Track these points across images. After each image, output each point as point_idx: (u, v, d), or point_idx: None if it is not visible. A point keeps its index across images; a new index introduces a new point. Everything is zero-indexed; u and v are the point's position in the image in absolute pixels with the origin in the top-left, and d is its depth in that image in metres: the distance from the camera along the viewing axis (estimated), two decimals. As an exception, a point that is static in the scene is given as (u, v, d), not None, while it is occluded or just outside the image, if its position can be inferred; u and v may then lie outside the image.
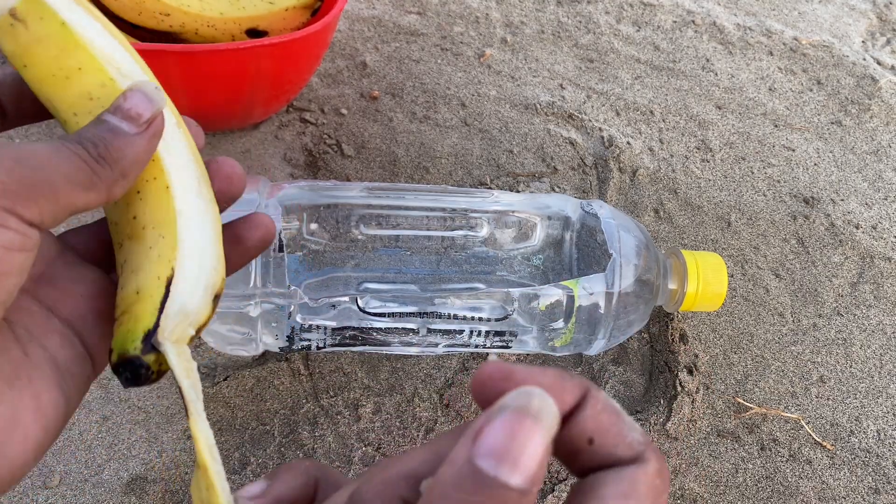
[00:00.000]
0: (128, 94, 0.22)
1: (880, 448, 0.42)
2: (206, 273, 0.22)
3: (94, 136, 0.21)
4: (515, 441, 0.15)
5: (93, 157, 0.20)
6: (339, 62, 0.61)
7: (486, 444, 0.15)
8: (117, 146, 0.21)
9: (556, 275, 0.42)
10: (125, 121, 0.21)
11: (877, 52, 0.72)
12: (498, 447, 0.15)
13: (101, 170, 0.20)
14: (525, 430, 0.15)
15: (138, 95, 0.22)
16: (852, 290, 0.51)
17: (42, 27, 0.21)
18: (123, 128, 0.21)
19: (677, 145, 0.59)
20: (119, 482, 0.37)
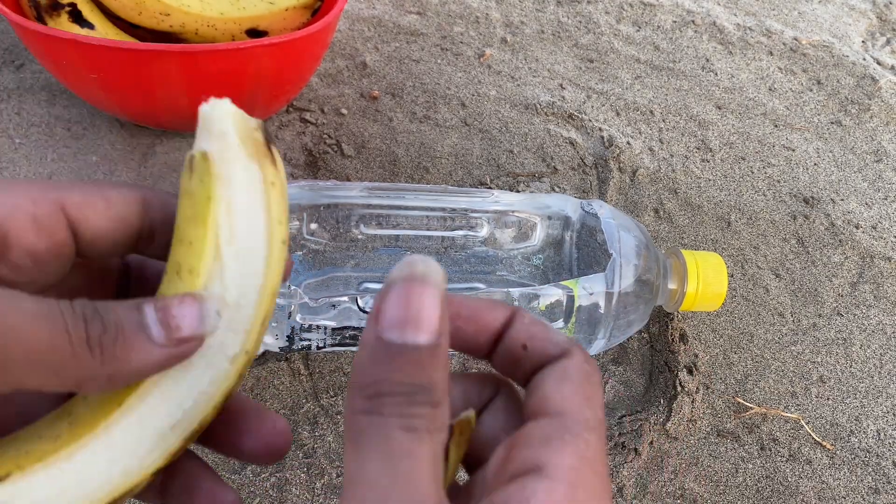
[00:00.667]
0: (185, 299, 0.18)
1: (880, 448, 0.42)
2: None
3: (111, 319, 0.17)
4: (411, 306, 0.16)
5: (88, 341, 0.16)
6: (339, 62, 0.61)
7: (386, 318, 0.16)
8: (128, 346, 0.17)
9: (556, 275, 0.42)
10: (159, 324, 0.17)
11: (877, 52, 0.72)
12: (398, 316, 0.16)
13: (85, 358, 0.16)
14: (417, 294, 0.17)
15: (193, 309, 0.18)
16: (852, 289, 0.51)
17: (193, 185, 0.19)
18: (152, 331, 0.17)
19: (677, 145, 0.59)
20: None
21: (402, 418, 0.16)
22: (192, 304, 0.18)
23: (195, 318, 0.18)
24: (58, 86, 0.55)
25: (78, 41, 0.42)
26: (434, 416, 0.16)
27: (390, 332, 0.16)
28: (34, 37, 0.44)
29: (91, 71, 0.45)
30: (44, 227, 0.19)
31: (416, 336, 0.16)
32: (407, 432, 0.16)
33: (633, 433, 0.41)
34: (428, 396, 0.16)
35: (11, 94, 0.54)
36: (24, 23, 0.43)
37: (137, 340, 0.17)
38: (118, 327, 0.17)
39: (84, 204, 0.19)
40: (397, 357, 0.16)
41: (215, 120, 0.20)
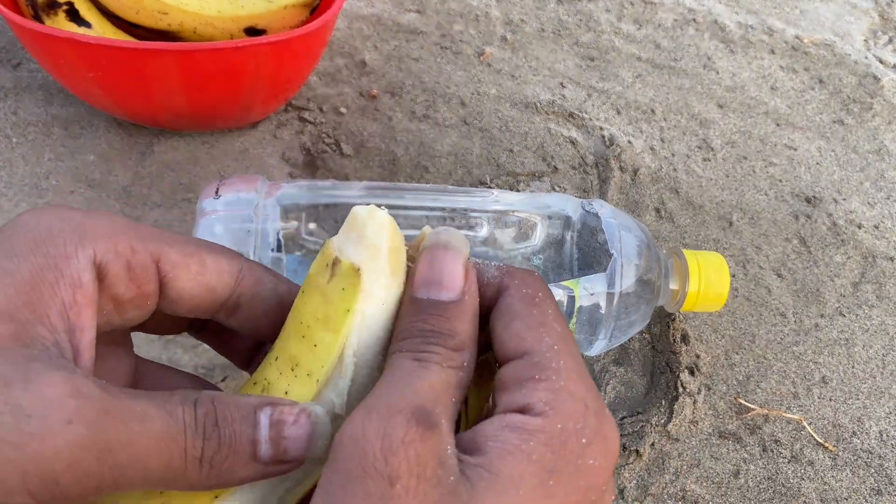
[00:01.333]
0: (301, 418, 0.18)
1: (882, 449, 0.42)
2: None
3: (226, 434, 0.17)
4: (435, 268, 0.19)
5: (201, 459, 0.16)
6: (337, 60, 0.61)
7: (417, 280, 0.19)
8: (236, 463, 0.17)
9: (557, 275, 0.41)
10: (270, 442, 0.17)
11: (879, 51, 0.72)
12: (425, 278, 0.19)
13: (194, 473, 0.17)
14: (440, 258, 0.19)
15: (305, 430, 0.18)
16: (854, 290, 0.50)
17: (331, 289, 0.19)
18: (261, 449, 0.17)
19: (678, 144, 0.59)
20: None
21: (412, 352, 0.18)
22: (305, 426, 0.18)
23: (304, 442, 0.18)
24: (55, 85, 0.55)
25: (75, 40, 0.42)
26: (450, 356, 0.18)
27: (419, 290, 0.19)
28: (31, 35, 0.44)
29: (88, 70, 0.44)
30: (135, 278, 0.19)
31: (439, 293, 0.19)
32: (415, 361, 0.18)
33: (634, 434, 0.40)
34: (445, 340, 0.18)
35: (8, 93, 0.54)
36: (21, 21, 0.43)
37: (245, 458, 0.17)
38: (231, 446, 0.17)
39: (179, 265, 0.20)
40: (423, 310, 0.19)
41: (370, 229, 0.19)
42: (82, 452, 0.15)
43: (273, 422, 0.17)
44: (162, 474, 0.16)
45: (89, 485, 0.16)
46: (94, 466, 0.15)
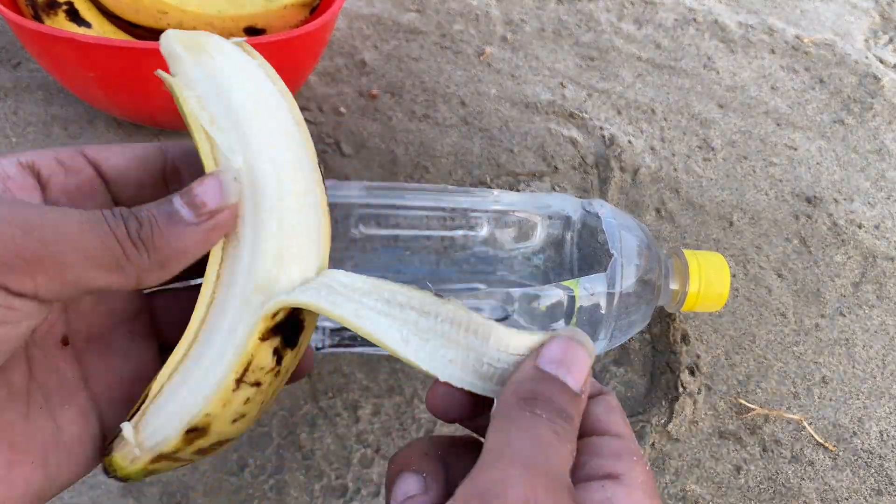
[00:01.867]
0: (203, 178, 0.19)
1: (883, 449, 0.42)
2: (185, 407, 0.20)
3: (145, 215, 0.19)
4: (568, 355, 0.20)
5: (130, 237, 0.18)
6: (337, 60, 0.61)
7: (547, 355, 0.20)
8: (164, 233, 0.18)
9: (557, 275, 0.41)
10: (187, 206, 0.19)
11: (879, 51, 0.72)
12: (557, 357, 0.20)
13: (134, 254, 0.18)
14: (574, 349, 0.20)
15: (213, 183, 0.19)
16: (855, 290, 0.50)
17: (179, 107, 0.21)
18: (182, 214, 0.19)
19: (679, 144, 0.59)
20: (116, 484, 0.36)
21: (550, 422, 0.18)
22: (210, 180, 0.19)
23: (217, 190, 0.19)
24: (55, 84, 0.55)
25: (75, 40, 0.42)
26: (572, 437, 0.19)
27: (548, 365, 0.20)
28: (31, 35, 0.44)
29: (88, 69, 0.44)
30: (70, 167, 0.21)
31: (567, 376, 0.19)
32: (552, 432, 0.18)
33: (634, 435, 0.40)
34: (570, 421, 0.19)
35: (8, 93, 0.54)
36: (21, 21, 0.43)
37: (172, 226, 0.19)
38: (152, 220, 0.18)
39: (103, 150, 0.22)
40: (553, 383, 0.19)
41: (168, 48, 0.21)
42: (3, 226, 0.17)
43: (182, 193, 0.19)
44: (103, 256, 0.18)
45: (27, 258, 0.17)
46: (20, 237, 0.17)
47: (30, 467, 0.19)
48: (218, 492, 0.36)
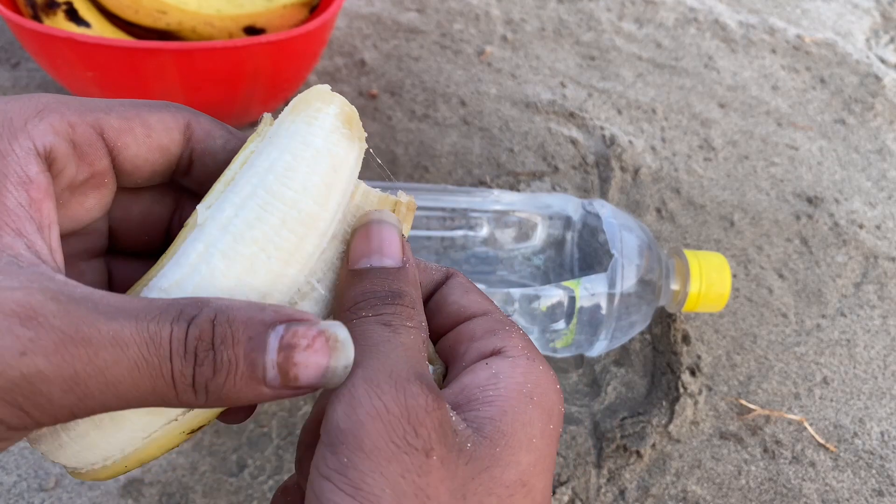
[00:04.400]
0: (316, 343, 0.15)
1: (884, 450, 0.42)
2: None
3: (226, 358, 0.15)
4: (373, 240, 0.19)
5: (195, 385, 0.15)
6: (337, 60, 0.61)
7: (353, 254, 0.19)
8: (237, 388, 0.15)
9: (558, 275, 0.41)
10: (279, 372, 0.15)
11: (881, 50, 0.71)
12: (364, 250, 0.19)
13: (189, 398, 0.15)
14: (376, 231, 0.19)
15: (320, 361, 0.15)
16: (856, 290, 0.50)
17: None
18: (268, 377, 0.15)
19: (680, 144, 0.59)
20: (115, 485, 0.36)
21: (378, 316, 0.18)
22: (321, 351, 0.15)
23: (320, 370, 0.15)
24: (54, 84, 0.55)
25: (74, 39, 0.42)
26: (409, 315, 0.18)
27: (359, 261, 0.19)
28: (30, 35, 0.44)
29: (87, 69, 0.44)
30: (85, 155, 0.18)
31: (381, 261, 0.18)
32: (384, 326, 0.17)
33: (635, 435, 0.40)
34: (400, 299, 0.18)
35: (7, 92, 0.54)
36: (21, 21, 0.42)
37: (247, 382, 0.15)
38: (230, 372, 0.15)
39: (124, 130, 0.19)
40: (367, 276, 0.18)
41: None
42: (43, 385, 0.14)
43: (283, 345, 0.15)
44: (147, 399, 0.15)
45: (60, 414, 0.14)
46: (59, 397, 0.14)
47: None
48: (217, 492, 0.36)
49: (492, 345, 0.19)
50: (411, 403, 0.16)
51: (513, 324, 0.20)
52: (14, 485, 0.36)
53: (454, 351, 0.20)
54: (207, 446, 0.38)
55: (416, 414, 0.16)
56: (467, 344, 0.20)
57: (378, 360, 0.16)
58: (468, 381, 0.18)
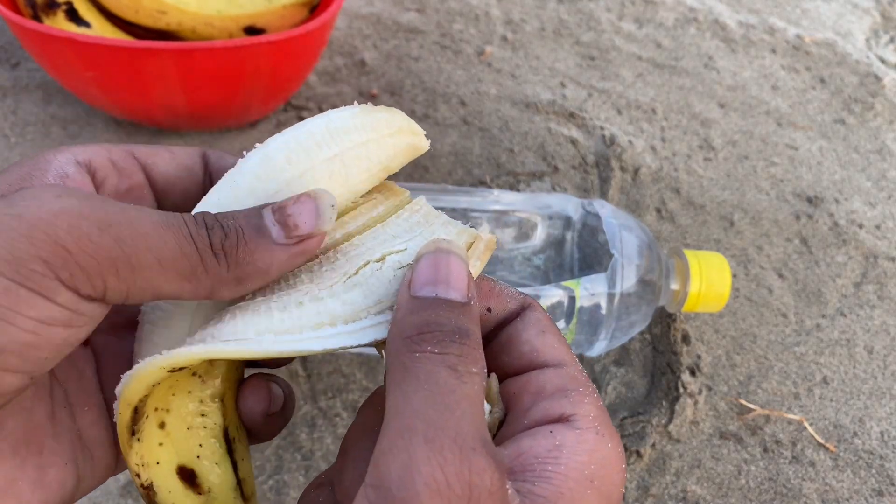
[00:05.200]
0: (301, 198, 0.18)
1: (884, 449, 0.42)
2: None
3: (231, 224, 0.18)
4: (441, 270, 0.18)
5: (213, 247, 0.17)
6: (337, 60, 0.61)
7: (419, 280, 0.18)
8: (250, 248, 0.18)
9: (558, 275, 0.41)
10: (278, 225, 0.18)
11: (880, 50, 0.72)
12: (430, 278, 0.18)
13: (213, 264, 0.17)
14: (444, 261, 0.18)
15: (308, 204, 0.18)
16: (856, 290, 0.50)
17: None
18: (272, 232, 0.18)
19: (679, 144, 0.59)
20: (115, 484, 0.36)
21: (444, 355, 0.17)
22: (307, 202, 0.18)
23: (313, 214, 0.18)
24: (54, 84, 0.55)
25: (74, 39, 0.42)
26: (474, 358, 0.17)
27: (423, 289, 0.18)
28: (30, 35, 0.44)
29: (87, 69, 0.44)
30: (122, 169, 0.20)
31: (447, 293, 0.18)
32: (450, 370, 0.16)
33: (634, 435, 0.40)
34: (467, 339, 0.17)
35: (7, 92, 0.54)
36: (21, 21, 0.42)
37: (259, 243, 0.18)
38: (238, 232, 0.18)
39: (151, 153, 0.21)
40: (434, 306, 0.17)
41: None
42: (80, 220, 0.16)
43: (276, 209, 0.18)
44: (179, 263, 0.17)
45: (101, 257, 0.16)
46: (96, 235, 0.16)
47: (62, 469, 0.19)
48: (217, 492, 0.36)
49: (560, 408, 0.18)
50: (475, 482, 0.15)
51: (587, 383, 0.18)
52: (14, 485, 0.36)
53: (518, 401, 0.18)
54: (207, 446, 0.38)
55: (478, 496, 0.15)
56: (534, 399, 0.18)
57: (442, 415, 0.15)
58: (528, 446, 0.17)
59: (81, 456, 0.19)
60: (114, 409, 0.19)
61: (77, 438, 0.19)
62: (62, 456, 0.19)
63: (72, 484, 0.19)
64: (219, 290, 0.18)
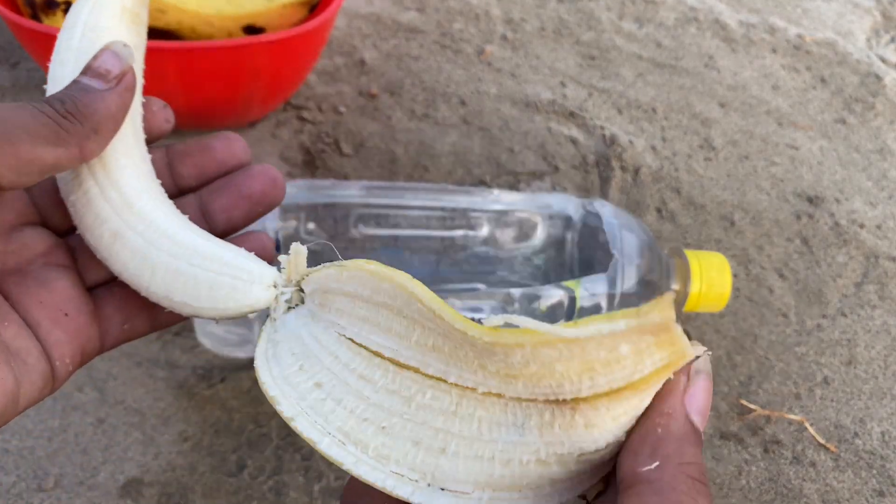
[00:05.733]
0: (98, 54, 0.22)
1: (884, 450, 0.42)
2: None
3: (62, 95, 0.21)
4: (708, 400, 0.19)
5: (59, 112, 0.20)
6: (337, 59, 0.61)
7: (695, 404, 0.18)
8: (87, 102, 0.21)
9: (558, 275, 0.41)
10: (95, 79, 0.21)
11: (881, 50, 0.71)
12: (702, 406, 0.18)
13: (69, 125, 0.20)
14: (709, 390, 0.19)
15: (107, 54, 0.22)
16: (857, 290, 0.50)
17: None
18: (94, 85, 0.21)
19: (680, 143, 0.59)
20: (114, 485, 0.36)
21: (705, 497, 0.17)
22: (104, 52, 0.22)
23: (114, 58, 0.22)
24: (54, 83, 0.55)
25: (73, 38, 0.42)
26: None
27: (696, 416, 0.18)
28: (29, 35, 0.44)
29: (86, 68, 0.44)
30: None
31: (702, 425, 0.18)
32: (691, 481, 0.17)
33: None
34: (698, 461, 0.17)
35: (6, 92, 0.54)
36: (20, 21, 0.42)
37: (91, 96, 0.21)
38: (70, 97, 0.21)
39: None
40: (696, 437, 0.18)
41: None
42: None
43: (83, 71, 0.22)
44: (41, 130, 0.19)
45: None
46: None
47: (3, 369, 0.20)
48: (217, 493, 0.36)
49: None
50: None
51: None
52: (13, 485, 0.35)
53: None
54: (207, 447, 0.38)
55: None
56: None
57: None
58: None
59: (14, 362, 0.21)
60: None
61: (5, 347, 0.21)
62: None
63: (11, 384, 0.20)
64: (87, 146, 0.21)
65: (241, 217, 0.25)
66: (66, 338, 0.22)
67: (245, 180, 0.25)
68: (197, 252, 0.22)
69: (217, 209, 0.25)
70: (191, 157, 0.26)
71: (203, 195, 0.25)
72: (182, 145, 0.26)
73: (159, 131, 0.26)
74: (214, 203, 0.25)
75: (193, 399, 0.39)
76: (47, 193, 0.24)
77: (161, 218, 0.22)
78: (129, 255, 0.22)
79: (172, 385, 0.40)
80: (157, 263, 0.21)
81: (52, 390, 0.22)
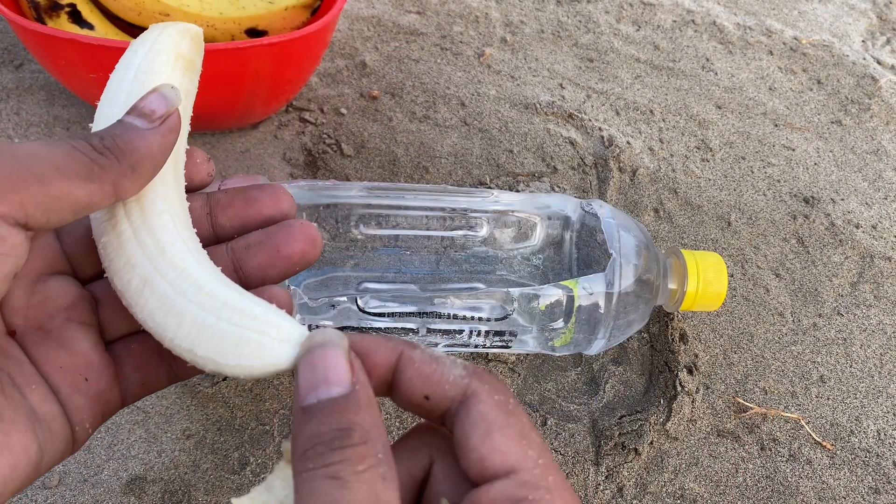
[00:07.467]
0: (146, 95, 0.22)
1: (880, 448, 0.42)
2: None
3: (102, 132, 0.21)
4: (317, 369, 0.18)
5: (95, 148, 0.20)
6: (338, 62, 0.61)
7: (301, 389, 0.18)
8: (127, 139, 0.20)
9: (556, 275, 0.41)
10: (139, 118, 0.21)
11: (877, 52, 0.72)
12: (310, 382, 0.18)
13: (104, 161, 0.20)
14: (320, 357, 0.18)
15: (154, 95, 0.22)
16: (852, 289, 0.51)
17: None
18: (136, 123, 0.21)
19: (677, 145, 0.59)
20: (118, 482, 0.36)
21: (325, 467, 0.16)
22: (152, 94, 0.22)
23: (161, 100, 0.22)
24: (57, 86, 0.55)
25: (77, 41, 0.42)
26: (361, 455, 0.17)
27: (307, 398, 0.18)
28: (34, 37, 0.44)
29: (90, 71, 0.45)
30: None
31: (328, 391, 0.18)
32: (331, 480, 0.16)
33: (633, 433, 0.41)
34: (349, 438, 0.17)
35: (10, 93, 0.54)
36: (24, 23, 0.43)
37: (132, 134, 0.21)
38: (110, 134, 0.20)
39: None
40: (316, 414, 0.17)
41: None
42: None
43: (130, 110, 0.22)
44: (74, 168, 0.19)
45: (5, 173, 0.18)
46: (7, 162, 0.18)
47: (24, 434, 0.19)
48: (219, 490, 0.37)
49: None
50: None
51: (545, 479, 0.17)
52: (18, 482, 0.36)
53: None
54: (209, 444, 0.38)
55: None
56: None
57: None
58: None
59: (39, 427, 0.20)
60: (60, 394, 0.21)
61: (32, 412, 0.20)
62: (22, 423, 0.19)
63: (35, 450, 0.20)
64: (122, 183, 0.20)
65: (277, 275, 0.24)
66: (87, 403, 0.21)
67: (285, 239, 0.24)
68: (226, 305, 0.21)
69: (254, 266, 0.24)
70: (233, 209, 0.25)
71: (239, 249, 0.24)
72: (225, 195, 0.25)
73: (200, 182, 0.26)
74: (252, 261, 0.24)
75: (196, 397, 0.40)
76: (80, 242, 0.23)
77: (193, 267, 0.21)
78: (156, 303, 0.21)
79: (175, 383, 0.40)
80: (185, 314, 0.20)
81: (72, 453, 0.22)
